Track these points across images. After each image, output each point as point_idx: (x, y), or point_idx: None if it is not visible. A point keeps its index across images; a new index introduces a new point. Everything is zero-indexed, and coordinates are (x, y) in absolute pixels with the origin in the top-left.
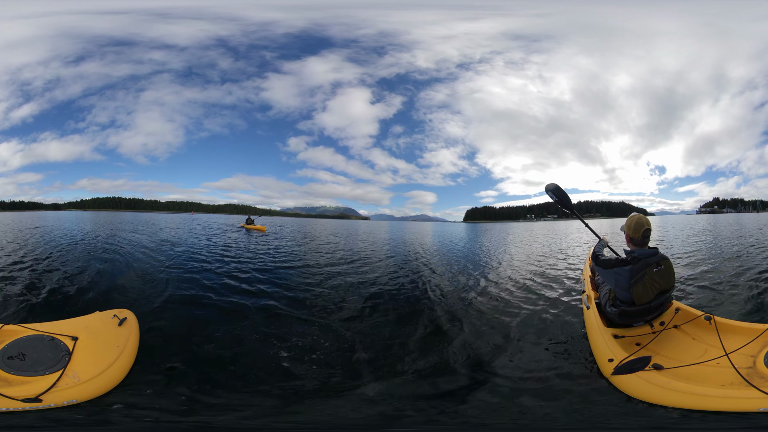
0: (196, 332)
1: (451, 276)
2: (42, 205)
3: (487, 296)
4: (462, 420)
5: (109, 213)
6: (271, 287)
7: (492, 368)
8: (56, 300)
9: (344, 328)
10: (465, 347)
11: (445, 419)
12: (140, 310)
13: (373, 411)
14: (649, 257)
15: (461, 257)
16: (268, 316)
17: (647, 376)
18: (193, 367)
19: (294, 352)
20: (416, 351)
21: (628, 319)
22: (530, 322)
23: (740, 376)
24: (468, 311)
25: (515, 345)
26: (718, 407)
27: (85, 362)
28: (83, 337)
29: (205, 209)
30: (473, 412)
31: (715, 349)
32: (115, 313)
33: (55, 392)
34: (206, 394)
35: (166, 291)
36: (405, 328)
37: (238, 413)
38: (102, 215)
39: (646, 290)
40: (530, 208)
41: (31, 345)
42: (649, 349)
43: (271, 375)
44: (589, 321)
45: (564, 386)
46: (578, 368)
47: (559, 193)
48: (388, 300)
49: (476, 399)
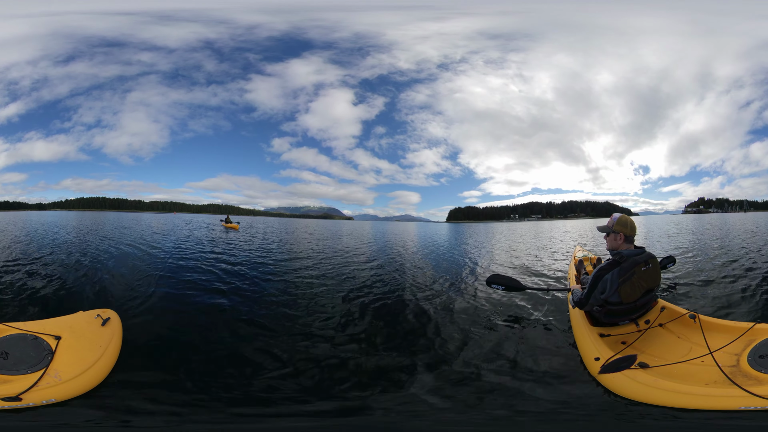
0: (179, 333)
1: (434, 275)
2: (26, 205)
3: (471, 296)
4: (437, 417)
5: (94, 213)
6: (259, 286)
7: (476, 366)
8: (40, 299)
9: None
10: (447, 346)
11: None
12: (124, 310)
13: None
14: (636, 256)
15: (444, 256)
16: (248, 317)
17: (633, 374)
18: (176, 367)
19: (280, 353)
20: (398, 351)
21: (614, 318)
22: (515, 320)
23: (724, 374)
24: (451, 310)
25: (500, 343)
26: (702, 405)
27: (67, 362)
28: (66, 336)
29: (189, 209)
30: (452, 411)
31: (700, 347)
32: (99, 313)
33: (35, 391)
34: (188, 395)
35: (150, 291)
36: (385, 329)
37: (220, 414)
38: (86, 215)
39: (634, 289)
40: (514, 208)
41: (14, 344)
42: (635, 347)
43: (253, 378)
44: (575, 320)
45: (551, 385)
46: (564, 367)
47: (500, 281)
48: (368, 298)
49: (458, 397)
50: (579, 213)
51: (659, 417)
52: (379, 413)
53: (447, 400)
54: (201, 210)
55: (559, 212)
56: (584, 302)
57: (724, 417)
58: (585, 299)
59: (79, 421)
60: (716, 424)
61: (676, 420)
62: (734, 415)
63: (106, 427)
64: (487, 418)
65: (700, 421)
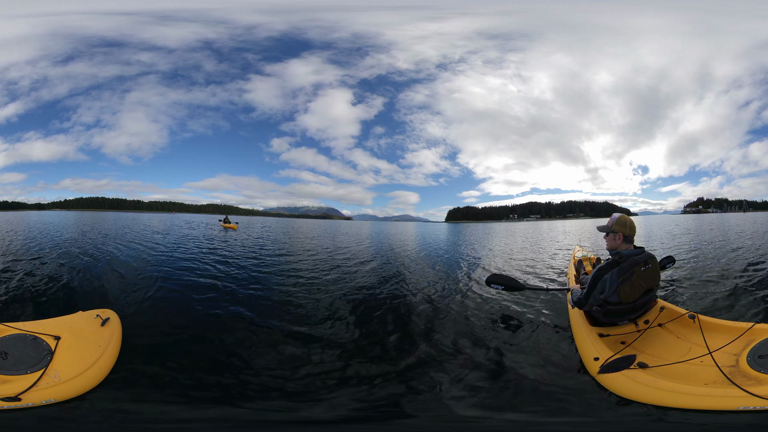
0: (179, 332)
1: (433, 275)
2: (25, 204)
3: (470, 295)
4: (434, 413)
5: (93, 213)
6: (256, 286)
7: (474, 366)
8: (39, 299)
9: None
10: (446, 346)
11: (423, 414)
12: (123, 310)
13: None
14: (636, 256)
15: (443, 256)
16: (247, 317)
17: (632, 374)
18: (176, 367)
19: (280, 353)
20: (397, 350)
21: (614, 318)
22: (514, 320)
23: (723, 374)
24: (450, 310)
25: (499, 343)
26: (702, 405)
27: (66, 362)
28: (66, 336)
29: (188, 209)
30: (449, 410)
31: (699, 347)
32: (98, 313)
33: (34, 391)
34: (188, 396)
35: (149, 291)
36: (383, 328)
37: (220, 413)
38: (85, 215)
39: (633, 289)
40: (513, 208)
41: (14, 344)
42: (634, 347)
43: (253, 378)
44: (575, 319)
45: (550, 384)
46: (564, 367)
47: (500, 280)
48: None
49: (457, 396)
50: (578, 213)
51: (658, 417)
52: (376, 413)
53: (446, 400)
54: (200, 210)
55: (558, 212)
56: (583, 302)
57: (723, 417)
58: (584, 299)
59: (78, 422)
60: (716, 424)
61: (676, 420)
62: (734, 416)
63: (106, 427)
64: (486, 418)
65: (700, 421)
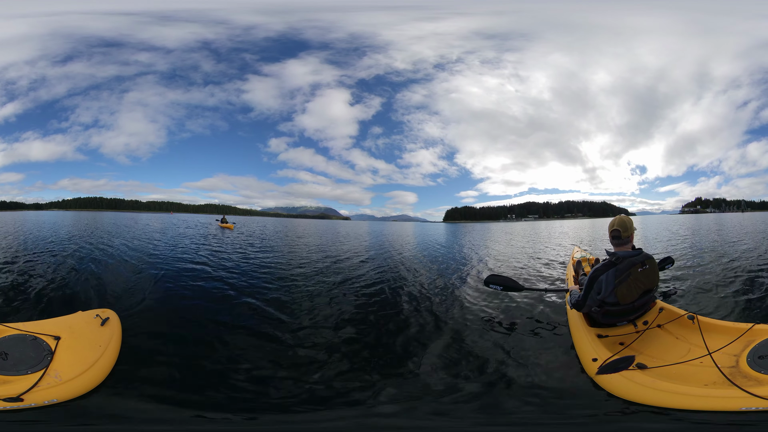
0: (179, 332)
1: (431, 275)
2: (23, 205)
3: (468, 295)
4: (433, 410)
5: (91, 213)
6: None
7: (473, 367)
8: (39, 299)
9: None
10: (445, 346)
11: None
12: (123, 310)
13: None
14: (633, 257)
15: (441, 256)
16: (247, 316)
17: (631, 375)
18: (176, 367)
19: (279, 353)
20: (395, 353)
21: (612, 319)
22: (513, 321)
23: (723, 375)
24: (448, 310)
25: (497, 344)
26: (701, 406)
27: (67, 362)
28: (66, 336)
29: (186, 209)
30: (447, 412)
31: (699, 348)
32: (98, 313)
33: (36, 392)
34: (188, 396)
35: (149, 290)
36: (382, 329)
37: (220, 413)
38: (83, 215)
39: (630, 290)
40: (511, 208)
41: (14, 344)
42: (633, 348)
43: (252, 377)
44: (573, 320)
45: (548, 385)
46: (562, 368)
47: (498, 281)
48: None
49: (454, 397)
50: (576, 213)
51: (657, 418)
52: (373, 413)
53: (444, 399)
54: (198, 210)
55: (556, 212)
56: (581, 304)
57: (724, 418)
58: (582, 301)
59: (79, 422)
60: (716, 425)
61: (675, 421)
62: (734, 416)
63: (106, 427)
64: (484, 418)
65: (700, 421)
